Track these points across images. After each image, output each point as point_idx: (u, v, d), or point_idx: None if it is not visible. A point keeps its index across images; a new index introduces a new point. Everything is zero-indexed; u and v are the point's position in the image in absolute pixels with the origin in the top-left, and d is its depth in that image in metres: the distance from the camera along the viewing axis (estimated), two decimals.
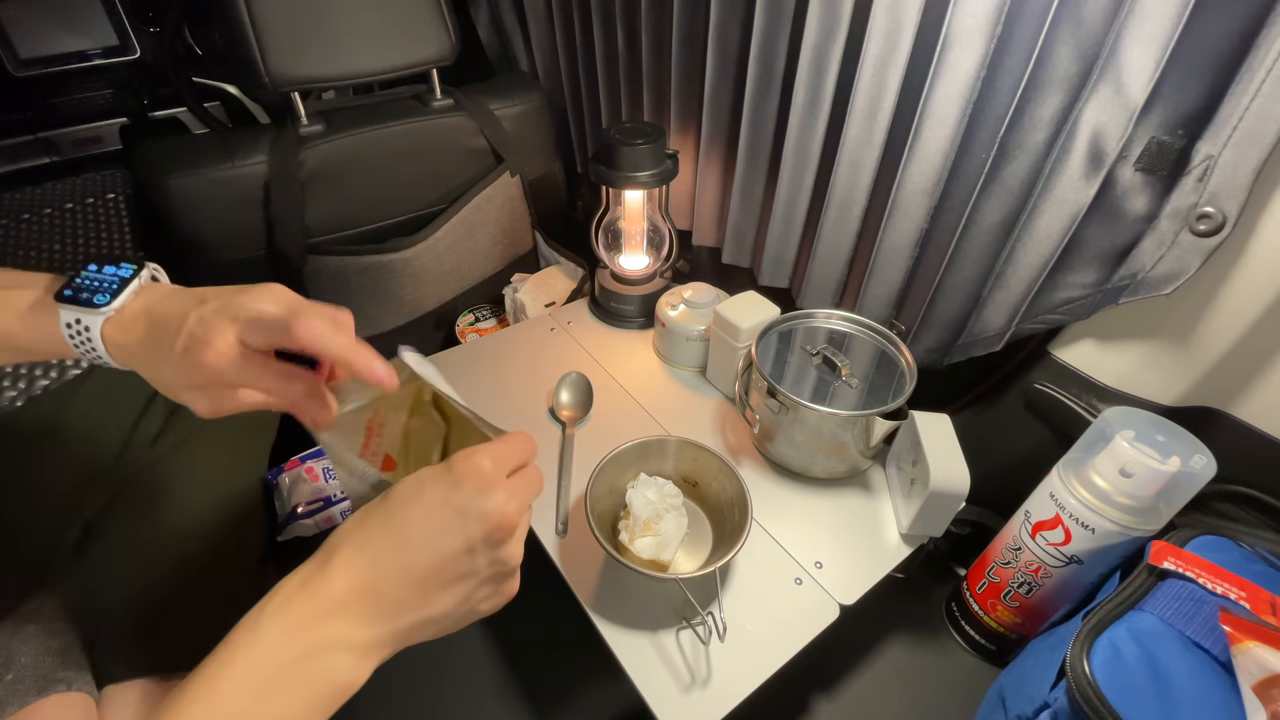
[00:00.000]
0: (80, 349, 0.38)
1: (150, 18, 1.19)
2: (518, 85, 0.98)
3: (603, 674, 0.62)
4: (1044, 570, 0.54)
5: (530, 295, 0.95)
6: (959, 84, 0.54)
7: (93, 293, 0.37)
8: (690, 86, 0.80)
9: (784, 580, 0.56)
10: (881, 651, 0.66)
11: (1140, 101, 0.46)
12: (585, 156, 1.08)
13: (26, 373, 0.72)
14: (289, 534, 0.76)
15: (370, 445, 0.41)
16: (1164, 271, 0.50)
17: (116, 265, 0.39)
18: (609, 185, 0.76)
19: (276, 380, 0.35)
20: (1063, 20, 0.48)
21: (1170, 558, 0.46)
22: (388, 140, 0.85)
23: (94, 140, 1.23)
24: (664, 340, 0.78)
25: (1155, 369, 0.55)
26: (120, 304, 0.37)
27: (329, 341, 0.34)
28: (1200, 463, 0.46)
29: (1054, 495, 0.52)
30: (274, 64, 0.74)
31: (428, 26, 0.84)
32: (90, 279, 0.38)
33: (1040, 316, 0.59)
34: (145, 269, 0.39)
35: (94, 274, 0.38)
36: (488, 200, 0.94)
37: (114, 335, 0.37)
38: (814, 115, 0.67)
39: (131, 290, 0.38)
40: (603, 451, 0.58)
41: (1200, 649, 0.42)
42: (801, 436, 0.61)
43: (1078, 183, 0.52)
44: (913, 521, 0.57)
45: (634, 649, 0.51)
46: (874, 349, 0.64)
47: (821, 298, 0.77)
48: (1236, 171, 0.44)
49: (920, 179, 0.60)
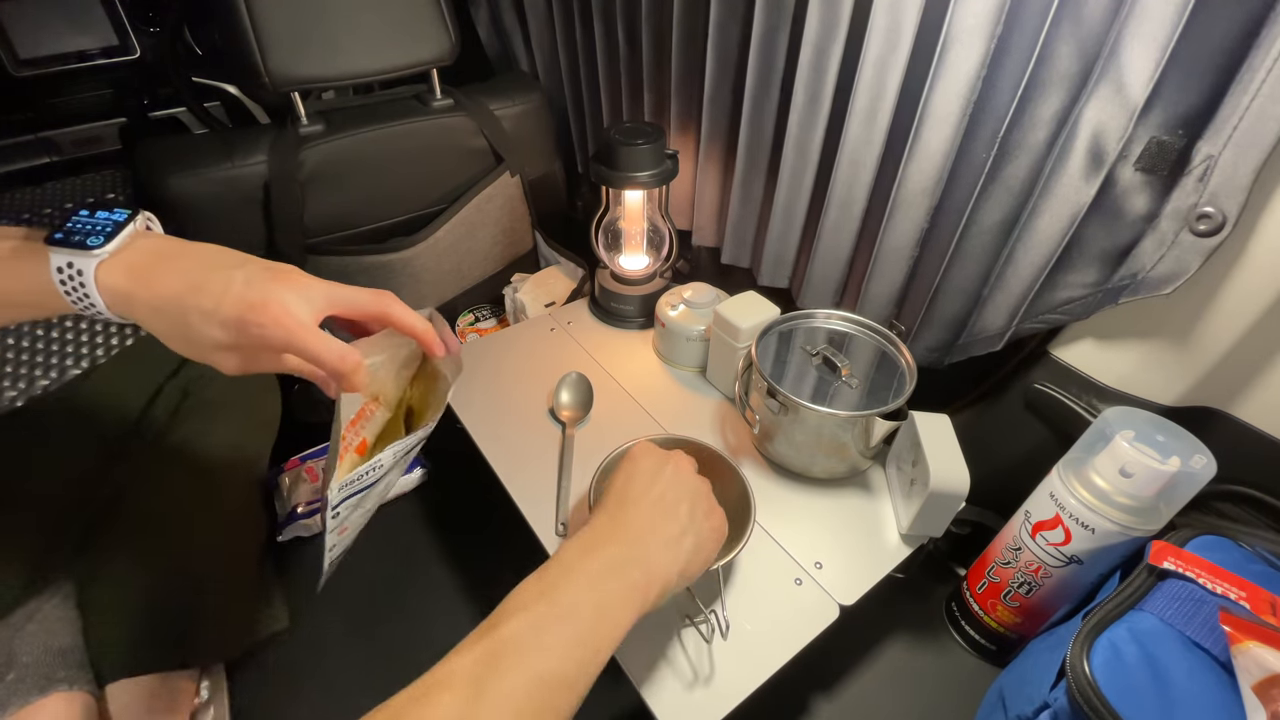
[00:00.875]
0: (71, 296, 0.36)
1: (150, 18, 1.19)
2: (518, 85, 0.99)
3: (603, 673, 0.62)
4: (1044, 570, 0.54)
5: (530, 295, 0.95)
6: (959, 83, 0.54)
7: (85, 235, 0.35)
8: (690, 86, 0.80)
9: (784, 580, 0.56)
10: (881, 651, 0.66)
11: (1140, 101, 0.46)
12: (585, 156, 1.08)
13: (26, 373, 0.72)
14: (289, 534, 0.76)
15: (355, 425, 0.42)
16: (1164, 271, 0.50)
17: (109, 210, 0.37)
18: (609, 185, 0.76)
19: (323, 349, 0.37)
20: (1063, 20, 0.48)
21: (1170, 558, 0.46)
22: (388, 140, 0.85)
23: (94, 140, 1.23)
24: (664, 340, 0.78)
25: (1155, 369, 0.55)
26: (115, 247, 0.36)
27: (417, 323, 0.41)
28: (1200, 463, 0.46)
29: (1054, 495, 0.52)
30: (274, 64, 0.74)
31: (427, 27, 0.84)
32: (82, 222, 0.36)
33: (1040, 316, 0.59)
34: (140, 214, 0.38)
35: (86, 218, 0.37)
36: (488, 200, 0.94)
37: (116, 283, 0.36)
38: (814, 115, 0.67)
39: (127, 234, 0.37)
40: (602, 451, 0.58)
41: (1200, 649, 0.42)
42: (801, 437, 0.60)
43: (1078, 182, 0.52)
44: (913, 522, 0.57)
45: (634, 649, 0.51)
46: (874, 349, 0.64)
47: (822, 297, 0.77)
48: (1236, 171, 0.44)
49: (921, 179, 0.60)
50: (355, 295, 0.39)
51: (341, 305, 0.39)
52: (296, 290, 0.37)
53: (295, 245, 0.80)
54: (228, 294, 0.35)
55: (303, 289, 0.37)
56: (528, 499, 0.62)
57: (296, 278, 0.37)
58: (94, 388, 0.62)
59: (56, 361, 0.73)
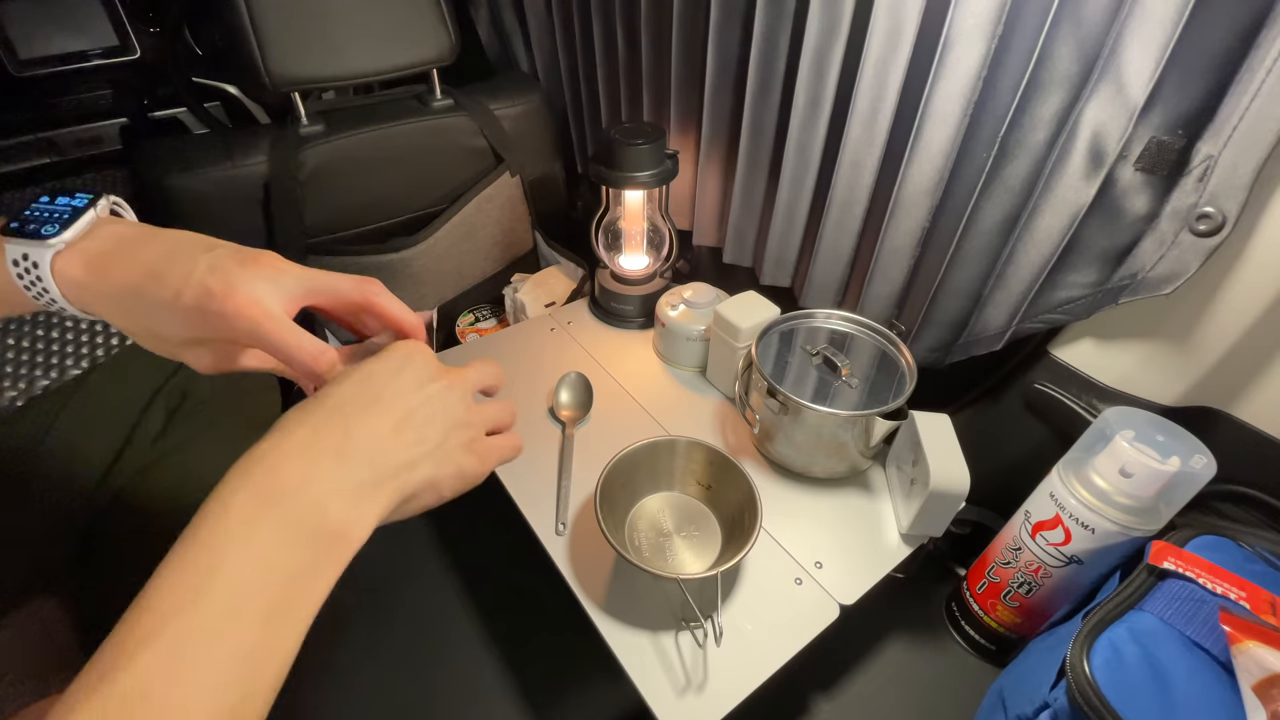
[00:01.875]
0: (31, 290, 0.33)
1: (150, 18, 1.19)
2: (518, 85, 0.99)
3: (603, 674, 0.62)
4: (1044, 570, 0.54)
5: (530, 295, 0.95)
6: (960, 84, 0.54)
7: (40, 224, 0.33)
8: (690, 87, 0.80)
9: (784, 580, 0.56)
10: (881, 651, 0.66)
11: (1140, 101, 0.46)
12: (585, 156, 1.08)
13: (27, 373, 0.72)
14: None
15: None
16: (1164, 271, 0.50)
17: (71, 195, 0.34)
18: (609, 185, 0.76)
19: (293, 345, 0.33)
20: (1063, 20, 0.48)
21: (1170, 558, 0.46)
22: (388, 140, 0.85)
23: (94, 140, 1.23)
24: (664, 340, 0.78)
25: (1155, 369, 0.55)
26: (72, 236, 0.33)
27: (404, 315, 0.37)
28: (1200, 463, 0.46)
29: (1054, 495, 0.52)
30: (274, 64, 0.74)
31: (428, 27, 0.84)
32: (40, 210, 0.33)
33: (1040, 316, 0.59)
34: (103, 199, 0.35)
35: (45, 205, 0.34)
36: (488, 200, 0.94)
37: (74, 273, 0.33)
38: (815, 116, 0.67)
39: (87, 221, 0.33)
40: (602, 451, 0.58)
41: (1200, 649, 0.42)
42: (801, 436, 0.61)
43: (1078, 182, 0.52)
44: (913, 521, 0.57)
45: (634, 649, 0.51)
46: (874, 349, 0.64)
47: (824, 297, 0.77)
48: (1236, 171, 0.44)
49: (921, 179, 0.60)
50: (337, 282, 0.36)
51: (321, 294, 0.35)
52: (267, 278, 0.33)
53: (295, 245, 0.80)
54: (189, 282, 0.31)
55: (274, 276, 0.33)
56: (527, 499, 0.62)
57: (269, 262, 0.33)
58: (94, 388, 0.62)
59: (56, 361, 0.73)
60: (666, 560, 0.56)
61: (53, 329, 0.76)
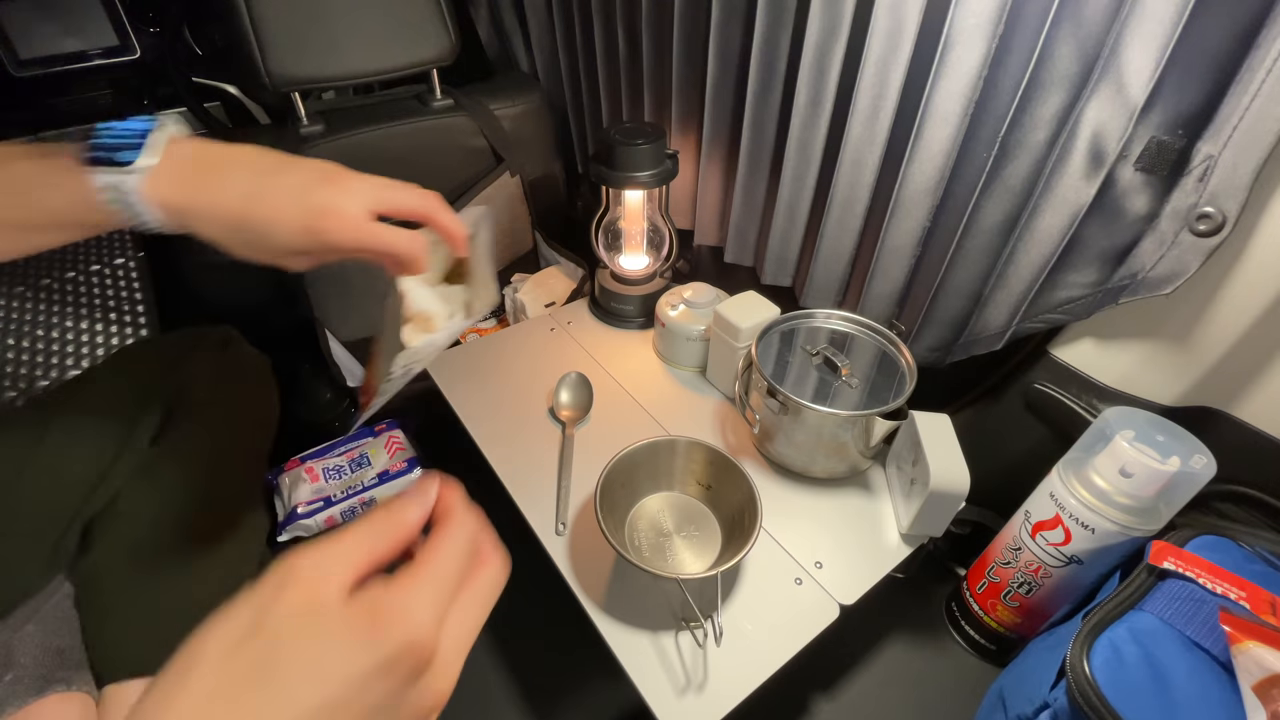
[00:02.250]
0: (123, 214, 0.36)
1: (150, 18, 1.19)
2: (518, 85, 0.99)
3: (603, 674, 0.62)
4: (1044, 570, 0.54)
5: (530, 295, 0.95)
6: (961, 83, 0.54)
7: (116, 150, 0.35)
8: (691, 87, 0.80)
9: (784, 580, 0.56)
10: (881, 651, 0.66)
11: (1140, 101, 0.46)
12: (585, 156, 1.08)
13: (26, 373, 0.72)
14: (289, 534, 0.76)
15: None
16: (1164, 271, 0.50)
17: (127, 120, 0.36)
18: (609, 185, 0.76)
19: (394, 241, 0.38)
20: (1063, 20, 0.48)
21: (1170, 558, 0.46)
22: (388, 140, 0.85)
23: None
24: (664, 340, 0.78)
25: (1155, 369, 0.55)
26: (154, 161, 0.35)
27: (458, 226, 0.42)
28: (1200, 463, 0.46)
29: (1054, 495, 0.52)
30: (274, 64, 0.74)
31: (428, 26, 0.84)
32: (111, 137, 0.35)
33: (1041, 316, 0.59)
34: (162, 116, 0.37)
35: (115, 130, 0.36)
36: (488, 200, 0.94)
37: (166, 197, 0.35)
38: (816, 115, 0.67)
39: (161, 143, 0.36)
40: (602, 451, 0.58)
41: (1200, 649, 0.42)
42: (801, 436, 0.61)
43: (1078, 182, 0.52)
44: (913, 521, 0.57)
45: (634, 649, 0.51)
46: (874, 349, 0.64)
47: (825, 296, 0.77)
48: (1236, 171, 0.44)
49: (922, 178, 0.60)
50: (404, 197, 0.40)
51: (388, 205, 0.40)
52: (350, 193, 0.38)
53: None
54: (290, 204, 0.36)
55: (355, 191, 0.38)
56: (527, 499, 0.62)
57: (346, 180, 0.39)
58: (93, 388, 0.62)
59: (56, 361, 0.73)
60: (666, 560, 0.56)
61: (53, 329, 0.76)
